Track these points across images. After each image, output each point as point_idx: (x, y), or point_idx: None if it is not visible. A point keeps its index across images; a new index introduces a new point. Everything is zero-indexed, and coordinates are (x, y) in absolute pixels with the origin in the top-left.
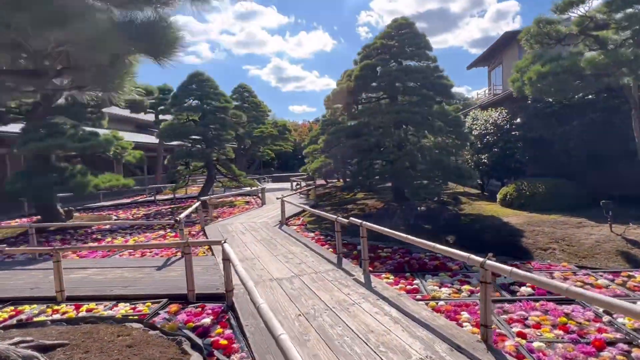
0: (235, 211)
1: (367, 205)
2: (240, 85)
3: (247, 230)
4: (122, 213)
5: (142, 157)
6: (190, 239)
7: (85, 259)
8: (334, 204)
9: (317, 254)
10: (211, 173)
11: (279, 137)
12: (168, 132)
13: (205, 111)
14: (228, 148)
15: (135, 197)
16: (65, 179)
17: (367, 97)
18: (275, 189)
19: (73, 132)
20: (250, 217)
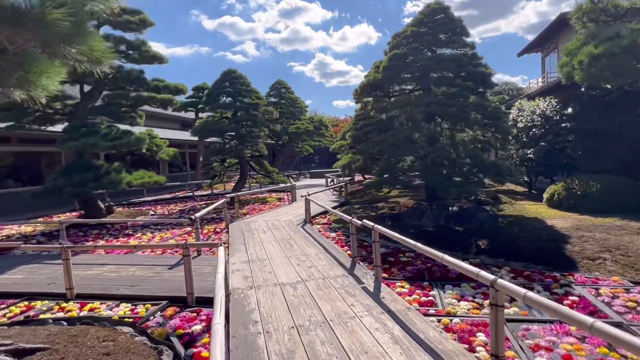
0: (265, 208)
1: (399, 203)
2: (278, 82)
3: (269, 229)
4: (159, 208)
5: (176, 154)
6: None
7: (110, 255)
8: (364, 201)
9: (332, 257)
10: (244, 170)
11: (314, 132)
12: (202, 129)
13: (237, 108)
14: (261, 145)
15: (177, 192)
16: (100, 176)
17: (400, 89)
18: (311, 185)
19: (107, 131)
20: (276, 214)
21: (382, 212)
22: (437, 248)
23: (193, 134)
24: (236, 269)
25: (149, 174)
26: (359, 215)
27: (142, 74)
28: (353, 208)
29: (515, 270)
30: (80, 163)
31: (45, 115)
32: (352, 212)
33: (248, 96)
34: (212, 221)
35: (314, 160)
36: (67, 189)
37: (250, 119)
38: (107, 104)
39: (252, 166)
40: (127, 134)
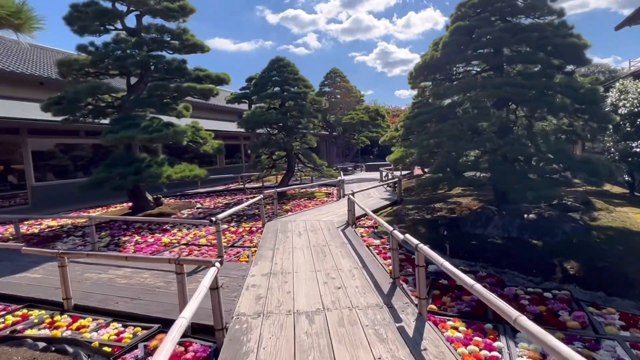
0: (310, 205)
1: (460, 205)
2: (332, 70)
3: (306, 231)
4: (207, 201)
5: (221, 147)
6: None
7: (138, 253)
8: (420, 201)
9: (369, 275)
10: (291, 163)
11: (370, 123)
12: (248, 120)
13: (284, 98)
14: (309, 136)
15: (230, 184)
16: (142, 170)
17: (464, 70)
18: (366, 179)
19: (147, 123)
20: (319, 213)
21: (438, 215)
22: (505, 270)
23: (240, 125)
24: (252, 283)
25: (190, 167)
26: (411, 218)
27: (184, 63)
28: (405, 209)
29: (625, 315)
30: (124, 156)
31: (97, 109)
32: (403, 213)
33: (296, 85)
34: (252, 218)
35: (372, 152)
36: (108, 182)
37: (297, 109)
38: (148, 96)
39: (300, 159)
40: (168, 126)
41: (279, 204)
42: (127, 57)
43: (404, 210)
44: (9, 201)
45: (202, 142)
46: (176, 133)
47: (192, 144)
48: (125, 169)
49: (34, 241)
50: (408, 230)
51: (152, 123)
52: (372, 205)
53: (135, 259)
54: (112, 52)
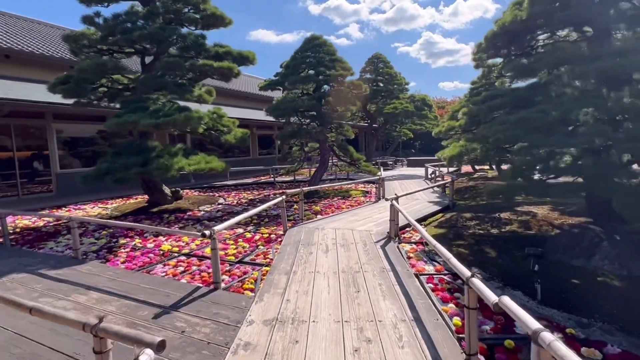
0: (344, 205)
1: (534, 217)
2: (374, 56)
3: (335, 245)
4: (232, 196)
5: (245, 137)
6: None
7: (127, 266)
8: (479, 207)
9: (426, 338)
10: (324, 156)
11: (415, 113)
12: (276, 107)
13: (318, 82)
14: (346, 127)
15: (261, 177)
16: (150, 160)
17: (553, 40)
18: (408, 175)
19: (158, 107)
20: (354, 219)
21: (508, 231)
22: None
23: (268, 113)
24: (245, 341)
25: (208, 158)
26: (471, 233)
27: (202, 39)
28: (462, 218)
29: None
30: (133, 145)
31: (113, 91)
32: (460, 224)
33: (332, 67)
34: (275, 220)
35: (414, 145)
36: (111, 174)
37: (334, 94)
38: (160, 76)
39: (335, 152)
40: (181, 111)
41: (308, 204)
42: (135, 30)
43: (460, 220)
44: (34, 188)
45: (224, 131)
46: (188, 119)
47: (213, 132)
48: (131, 159)
49: (29, 238)
50: (470, 252)
51: (162, 107)
52: (419, 212)
53: (42, 313)
54: (121, 24)
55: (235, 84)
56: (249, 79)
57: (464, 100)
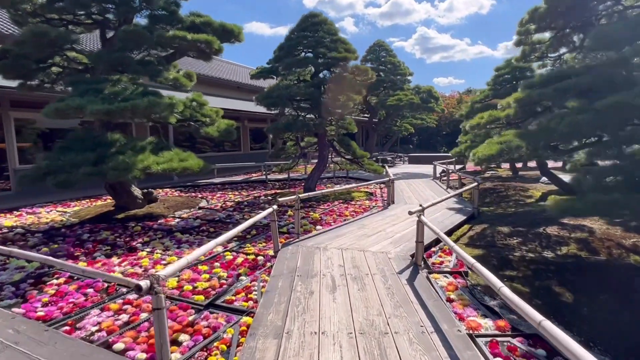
0: (347, 212)
1: (594, 235)
2: (376, 43)
3: (345, 279)
4: (217, 197)
5: (231, 129)
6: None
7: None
8: (510, 217)
9: None
10: (323, 152)
11: (421, 106)
12: (267, 95)
13: (317, 66)
14: (348, 119)
15: (252, 174)
16: (107, 157)
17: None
18: (412, 174)
19: (115, 90)
20: (363, 233)
21: (570, 255)
22: None
23: (257, 102)
24: None
25: (183, 155)
26: (521, 258)
27: (175, 6)
28: (498, 234)
29: None
30: (89, 137)
31: (69, 72)
32: (497, 241)
33: (334, 49)
34: (265, 231)
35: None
36: (52, 175)
37: (335, 80)
38: (119, 50)
39: (336, 148)
40: (146, 95)
41: (305, 209)
42: None
43: (496, 237)
44: None
45: (206, 122)
46: (153, 105)
47: (192, 123)
48: (81, 155)
49: None
50: (531, 289)
51: (123, 91)
52: (441, 223)
53: None
54: None
55: (226, 73)
56: (240, 68)
57: (487, 90)
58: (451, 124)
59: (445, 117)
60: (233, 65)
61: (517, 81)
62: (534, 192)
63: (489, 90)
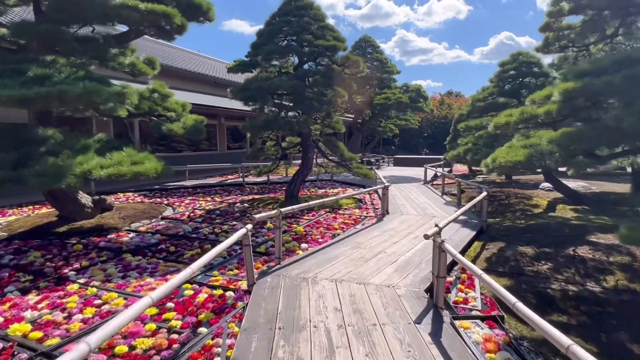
0: (335, 224)
1: (637, 259)
2: (363, 39)
3: (345, 332)
4: (186, 204)
5: (199, 127)
6: None
7: None
8: (532, 234)
9: None
10: (308, 154)
11: (410, 105)
12: (244, 88)
13: (302, 55)
14: (335, 118)
15: (229, 176)
16: (33, 158)
17: None
18: (401, 177)
19: (43, 72)
20: (359, 254)
21: (622, 289)
22: None
23: (233, 95)
24: None
25: (137, 157)
26: (562, 292)
27: None
28: (519, 255)
29: None
30: (10, 133)
31: None
32: (526, 270)
33: (320, 36)
34: (238, 252)
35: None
36: None
37: (322, 73)
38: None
39: (321, 149)
40: (82, 80)
41: (288, 219)
42: None
43: (520, 260)
44: None
45: (170, 117)
46: (90, 93)
47: (153, 117)
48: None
49: None
50: (596, 343)
51: (55, 74)
52: (451, 241)
53: None
54: None
55: (202, 67)
56: (218, 63)
57: (492, 87)
58: (433, 125)
59: (427, 118)
60: (210, 60)
61: (525, 77)
62: (539, 200)
63: (494, 88)
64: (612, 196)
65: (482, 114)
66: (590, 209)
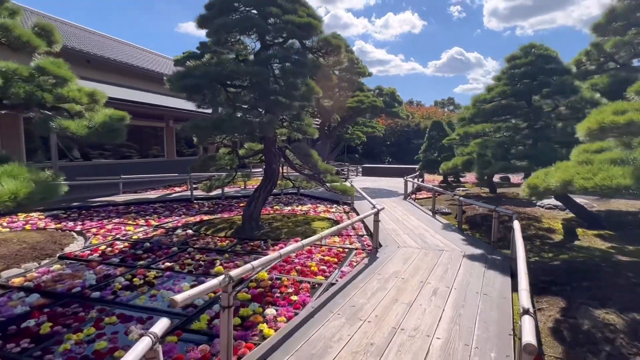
0: (312, 263)
1: None
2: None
3: None
4: (105, 231)
5: (119, 126)
6: None
7: None
8: (584, 277)
9: None
10: (272, 165)
11: (385, 110)
12: (184, 75)
13: (265, 35)
14: (307, 119)
15: (175, 188)
16: None
17: None
18: (375, 190)
19: None
20: (360, 333)
21: None
22: None
23: (169, 84)
24: None
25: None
26: None
27: None
28: (605, 329)
29: None
30: None
31: None
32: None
33: (291, 10)
34: None
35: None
36: None
37: (292, 60)
38: None
39: (288, 158)
40: None
41: (242, 256)
42: None
43: (619, 341)
44: None
45: (71, 110)
46: None
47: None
48: None
49: None
50: None
51: None
52: (489, 299)
53: None
54: None
55: (148, 62)
56: (167, 60)
57: (502, 85)
58: (396, 133)
59: (391, 126)
60: (157, 56)
61: (542, 75)
62: (551, 223)
63: (504, 86)
64: (629, 217)
65: (489, 118)
66: (617, 234)
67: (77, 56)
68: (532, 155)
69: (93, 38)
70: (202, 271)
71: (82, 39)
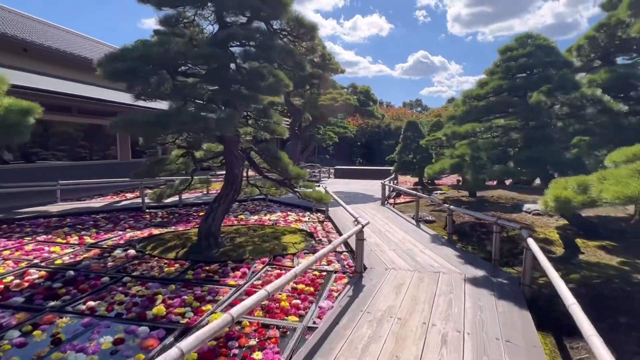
0: (283, 295)
1: None
2: None
3: None
4: (21, 254)
5: (23, 122)
6: None
7: None
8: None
9: None
10: (234, 170)
11: (359, 109)
12: (117, 57)
13: (223, 9)
14: (276, 117)
15: (127, 194)
16: None
17: None
18: (350, 194)
19: None
20: None
21: None
22: None
23: (100, 68)
24: None
25: None
26: None
27: None
28: None
29: None
30: None
31: None
32: None
33: None
34: None
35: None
36: None
37: (258, 41)
38: None
39: (254, 162)
40: None
41: (194, 286)
42: None
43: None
44: None
45: None
46: None
47: None
48: None
49: None
50: None
51: None
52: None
53: None
54: None
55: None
56: None
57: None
58: (366, 134)
59: (361, 127)
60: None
61: (544, 67)
62: (544, 231)
63: (500, 80)
64: (622, 223)
65: (482, 117)
66: (619, 246)
67: (10, 43)
68: (536, 159)
69: (33, 25)
70: (137, 313)
71: (18, 24)
